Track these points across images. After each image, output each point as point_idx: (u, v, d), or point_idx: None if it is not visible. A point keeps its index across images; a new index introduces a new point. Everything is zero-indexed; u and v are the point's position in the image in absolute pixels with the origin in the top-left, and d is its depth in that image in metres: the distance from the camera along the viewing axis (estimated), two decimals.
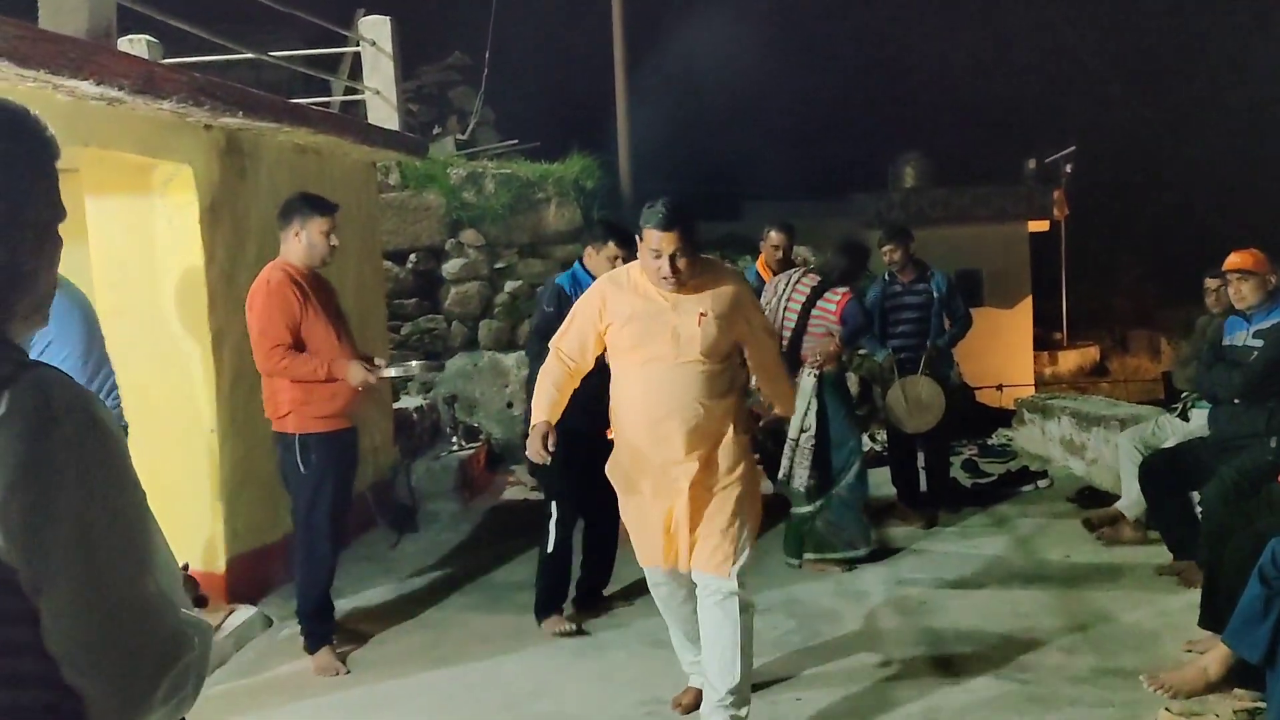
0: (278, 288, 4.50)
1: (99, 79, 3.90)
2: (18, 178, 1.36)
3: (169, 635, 1.32)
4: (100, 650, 1.27)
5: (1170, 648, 4.38)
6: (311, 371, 4.46)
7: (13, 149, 1.36)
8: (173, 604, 1.35)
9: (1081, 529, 6.21)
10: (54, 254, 1.42)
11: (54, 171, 1.42)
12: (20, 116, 1.39)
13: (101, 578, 1.26)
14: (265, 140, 5.72)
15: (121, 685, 1.28)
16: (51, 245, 1.42)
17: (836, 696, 4.09)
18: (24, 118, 1.40)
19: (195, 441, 5.20)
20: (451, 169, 10.32)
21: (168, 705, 1.32)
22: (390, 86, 7.52)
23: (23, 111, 1.40)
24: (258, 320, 4.51)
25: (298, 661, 4.71)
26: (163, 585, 1.34)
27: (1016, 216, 21.63)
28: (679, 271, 3.52)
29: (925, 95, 29.37)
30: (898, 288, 6.87)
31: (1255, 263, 4.92)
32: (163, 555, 1.36)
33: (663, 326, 3.56)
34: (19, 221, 1.35)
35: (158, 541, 1.36)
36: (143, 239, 5.21)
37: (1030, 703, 3.94)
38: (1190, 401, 5.82)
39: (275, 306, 4.47)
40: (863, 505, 5.91)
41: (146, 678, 1.29)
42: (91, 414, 1.31)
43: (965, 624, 4.83)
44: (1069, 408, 8.36)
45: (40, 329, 1.43)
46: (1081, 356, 26.25)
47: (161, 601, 1.32)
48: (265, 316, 4.48)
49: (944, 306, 6.83)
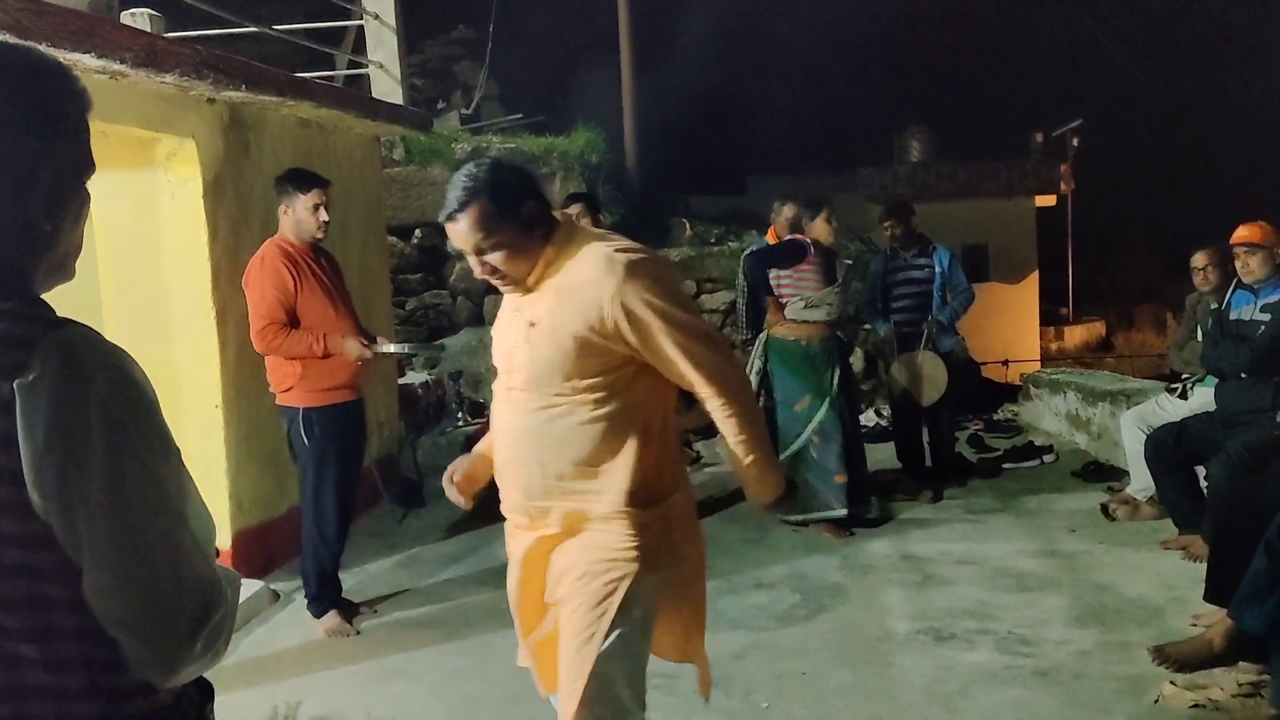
0: (270, 264, 4.52)
1: (101, 52, 3.89)
2: (29, 135, 1.31)
3: (205, 587, 1.33)
4: (139, 604, 1.28)
5: (1175, 621, 4.38)
6: (307, 348, 4.47)
7: (20, 104, 1.30)
8: (207, 556, 1.37)
9: (1087, 503, 6.21)
10: (78, 211, 1.39)
11: (77, 125, 1.36)
12: (32, 68, 1.34)
13: (137, 532, 1.27)
14: (269, 114, 5.69)
15: (161, 637, 1.29)
16: (76, 203, 1.39)
17: (842, 671, 4.10)
18: (37, 69, 1.34)
19: (200, 416, 5.20)
20: (456, 144, 10.29)
21: (206, 655, 1.34)
22: (394, 60, 7.48)
23: (37, 62, 1.34)
24: (251, 298, 4.54)
25: (305, 635, 4.73)
26: (198, 538, 1.35)
27: (1023, 191, 21.56)
28: (500, 273, 2.41)
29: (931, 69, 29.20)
30: (899, 262, 6.85)
31: (1263, 236, 4.90)
32: (197, 508, 1.37)
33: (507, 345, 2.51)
34: (33, 182, 1.31)
35: (192, 495, 1.37)
36: (146, 214, 5.20)
37: (1035, 676, 3.95)
38: (1191, 381, 5.80)
39: (268, 283, 4.49)
40: (834, 469, 5.85)
41: (185, 629, 1.30)
42: (122, 370, 1.31)
43: (970, 598, 4.84)
44: (1075, 383, 8.34)
45: (66, 282, 1.41)
46: (1087, 332, 26.22)
47: (197, 554, 1.33)
48: (258, 294, 4.51)
49: (946, 281, 6.81)
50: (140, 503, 1.28)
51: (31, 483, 1.24)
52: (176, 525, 1.31)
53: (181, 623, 1.30)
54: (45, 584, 1.27)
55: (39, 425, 1.23)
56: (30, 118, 1.31)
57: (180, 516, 1.33)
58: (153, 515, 1.29)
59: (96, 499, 1.25)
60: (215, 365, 5.19)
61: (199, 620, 1.31)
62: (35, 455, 1.23)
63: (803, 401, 5.89)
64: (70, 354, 1.26)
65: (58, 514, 1.25)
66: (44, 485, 1.24)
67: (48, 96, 1.33)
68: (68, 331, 1.29)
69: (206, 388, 5.20)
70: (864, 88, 27.14)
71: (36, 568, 1.27)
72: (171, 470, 1.34)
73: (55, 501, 1.24)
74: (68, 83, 1.36)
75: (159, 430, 1.33)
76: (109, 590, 1.27)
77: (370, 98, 7.10)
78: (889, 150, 22.56)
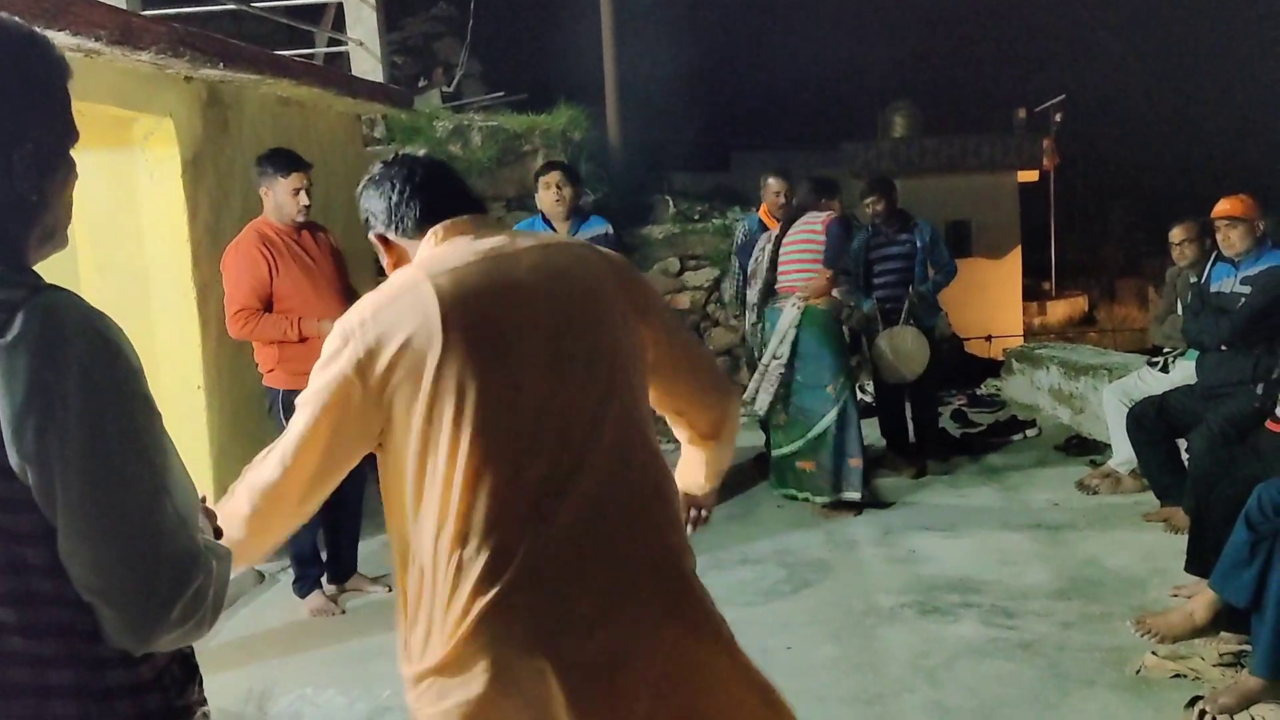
0: (245, 249, 4.51)
1: (75, 30, 3.84)
2: (10, 106, 1.31)
3: (184, 556, 1.32)
4: (114, 569, 1.27)
5: (1157, 593, 4.42)
6: (281, 333, 4.47)
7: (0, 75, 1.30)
8: (188, 526, 1.35)
9: (1069, 476, 6.25)
10: (65, 179, 1.40)
11: (58, 94, 1.37)
12: (8, 37, 1.33)
13: (114, 497, 1.27)
14: (248, 92, 5.64)
15: (136, 604, 1.28)
16: (62, 171, 1.39)
17: (827, 645, 4.12)
18: (13, 38, 1.33)
19: (181, 398, 5.17)
20: (437, 122, 10.20)
21: (184, 626, 1.32)
22: (374, 38, 7.43)
23: (13, 31, 1.34)
24: (226, 283, 4.55)
25: (291, 615, 4.73)
26: (179, 507, 1.33)
27: (1006, 166, 21.62)
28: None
29: (915, 44, 29.16)
30: (881, 238, 6.85)
31: (1244, 209, 4.91)
32: (178, 477, 1.36)
33: None
34: (16, 152, 1.31)
35: (173, 463, 1.36)
36: (125, 193, 5.15)
37: (1018, 648, 3.98)
38: (1172, 355, 5.83)
39: (242, 268, 4.48)
40: (852, 452, 5.82)
41: (161, 597, 1.29)
42: (103, 334, 1.30)
43: (954, 571, 4.87)
44: (1057, 357, 8.37)
45: (60, 251, 1.41)
46: (1070, 306, 26.34)
47: (176, 522, 1.32)
48: (232, 279, 4.52)
49: (928, 256, 6.82)
50: (118, 467, 1.27)
51: (9, 443, 1.23)
52: (156, 492, 1.30)
53: (157, 590, 1.28)
54: (23, 547, 1.27)
55: (18, 385, 1.22)
56: (9, 88, 1.31)
57: (161, 483, 1.31)
58: (131, 480, 1.28)
59: (73, 461, 1.24)
60: (196, 346, 5.16)
61: (175, 589, 1.29)
62: (14, 415, 1.23)
63: (835, 382, 5.85)
64: (51, 316, 1.26)
65: (35, 475, 1.24)
66: (22, 446, 1.23)
67: (26, 66, 1.33)
68: (51, 295, 1.29)
69: (188, 369, 5.17)
70: (848, 63, 27.08)
71: (14, 530, 1.26)
72: (153, 437, 1.33)
73: (33, 462, 1.24)
74: (45, 51, 1.35)
75: (141, 395, 1.32)
76: (83, 554, 1.26)
77: (350, 75, 7.05)
78: (872, 126, 22.57)
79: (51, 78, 1.36)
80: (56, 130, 1.37)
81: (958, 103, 24.42)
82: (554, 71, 14.57)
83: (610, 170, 11.12)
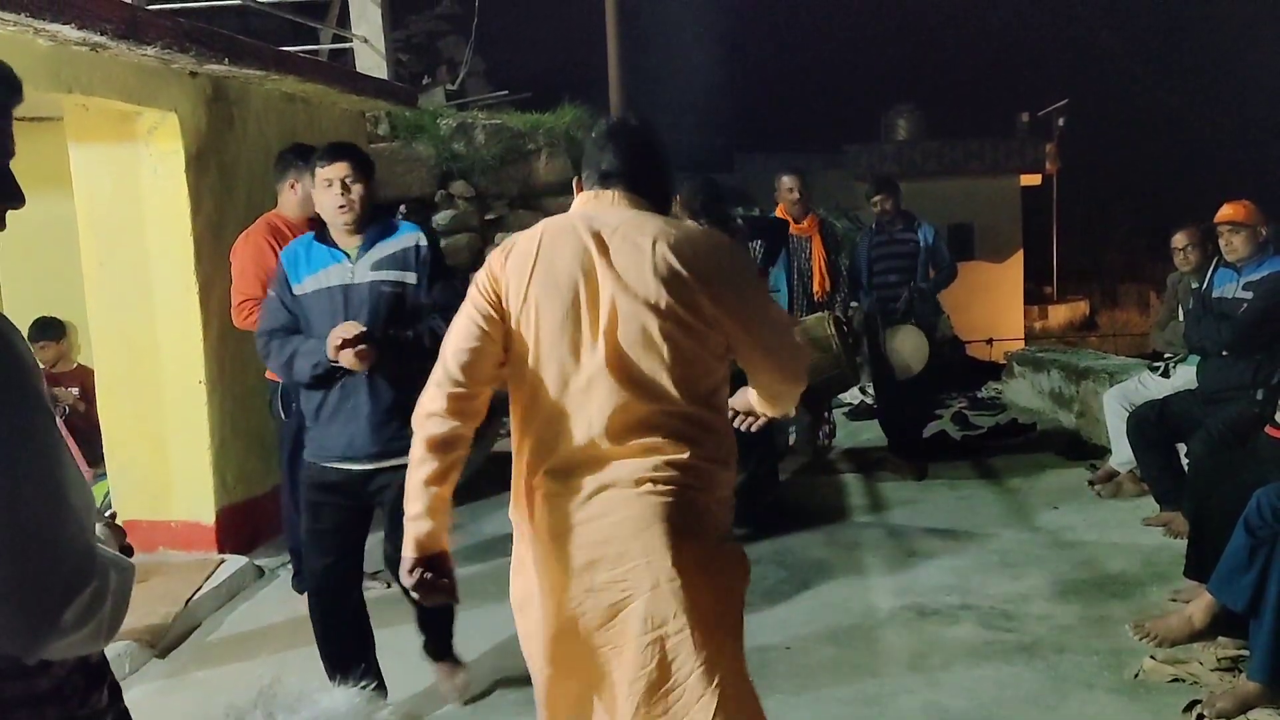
0: (254, 239, 4.51)
1: (81, 23, 3.84)
2: None
3: (77, 558, 1.29)
4: (5, 567, 1.24)
5: (1156, 597, 4.42)
6: None
7: None
8: (84, 529, 1.33)
9: (1069, 480, 6.25)
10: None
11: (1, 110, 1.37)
12: None
13: (6, 498, 1.24)
14: (253, 88, 5.65)
15: (26, 604, 1.26)
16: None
17: (826, 646, 4.12)
18: None
19: (183, 393, 5.18)
20: (441, 120, 10.22)
21: (79, 631, 1.30)
22: (379, 35, 7.44)
23: None
24: (234, 273, 4.54)
25: (290, 610, 4.72)
26: (74, 509, 1.31)
27: (1009, 170, 21.61)
28: None
29: (919, 48, 29.15)
30: (884, 237, 6.86)
31: (1247, 214, 4.91)
32: (73, 480, 1.33)
33: None
34: None
35: (68, 466, 1.33)
36: (128, 188, 5.15)
37: (1017, 651, 3.98)
38: (1173, 359, 5.83)
39: (248, 258, 4.48)
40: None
41: (53, 599, 1.26)
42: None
43: (952, 573, 4.87)
44: (1058, 361, 8.37)
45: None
46: (1071, 311, 26.32)
47: (72, 525, 1.30)
48: (239, 269, 4.52)
49: (930, 256, 6.83)
50: (9, 467, 1.24)
51: None
52: (50, 490, 1.28)
53: (49, 592, 1.26)
54: None
55: None
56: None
57: (54, 485, 1.29)
58: (22, 480, 1.25)
59: None
60: (198, 341, 5.17)
61: (70, 589, 1.27)
62: None
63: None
64: None
65: None
66: None
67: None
68: None
69: (190, 363, 5.18)
70: (851, 66, 27.07)
71: None
72: (46, 438, 1.30)
73: None
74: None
75: (34, 394, 1.30)
76: None
77: (355, 72, 7.05)
78: (876, 128, 22.56)
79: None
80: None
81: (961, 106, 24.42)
82: (558, 70, 14.58)
83: None
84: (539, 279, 2.21)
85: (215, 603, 4.71)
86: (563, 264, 2.20)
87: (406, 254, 3.48)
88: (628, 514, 2.15)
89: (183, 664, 4.08)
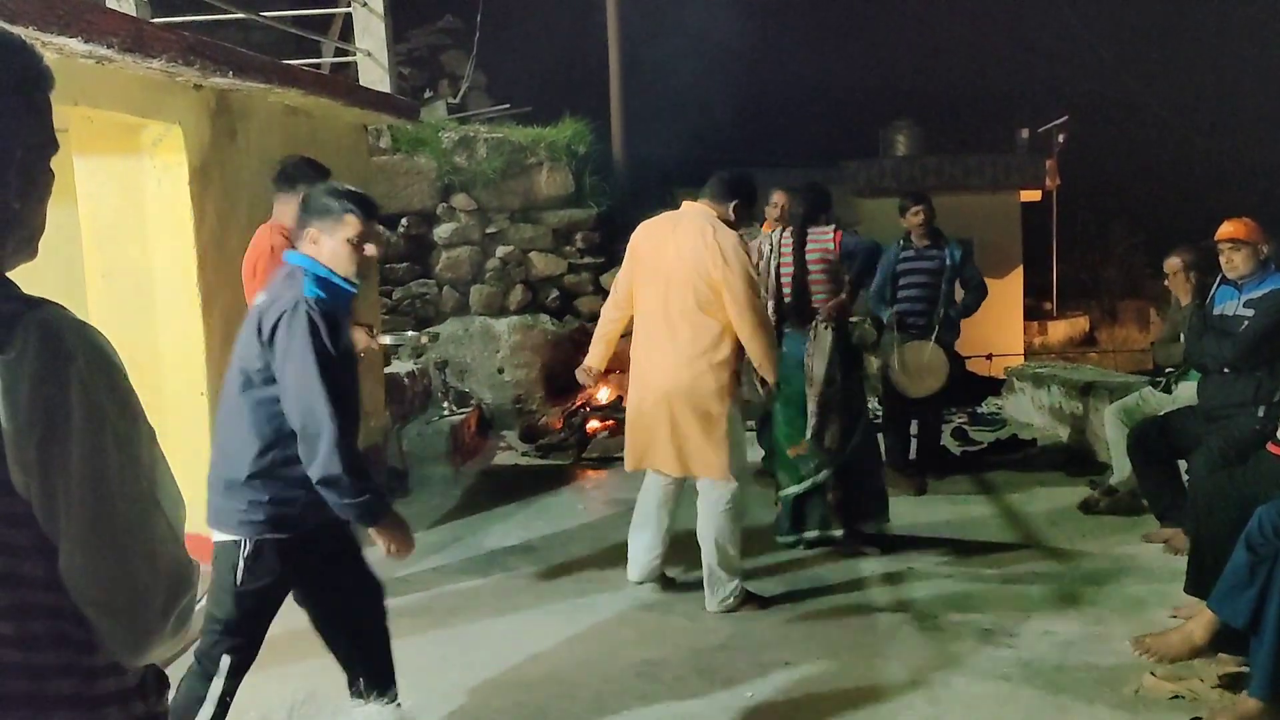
0: (259, 246, 4.52)
1: (87, 36, 3.85)
2: (6, 116, 1.32)
3: (178, 568, 1.35)
4: (113, 582, 1.29)
5: (1156, 613, 4.42)
6: None
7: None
8: (179, 539, 1.38)
9: (1070, 496, 6.25)
10: (45, 189, 1.39)
11: (44, 103, 1.37)
12: (4, 46, 1.34)
13: (114, 512, 1.28)
14: (256, 101, 5.67)
15: (134, 616, 1.31)
16: (42, 180, 1.39)
17: (825, 660, 4.12)
18: (8, 47, 1.34)
19: (185, 404, 5.17)
20: (443, 133, 10.25)
21: (176, 636, 1.36)
22: (381, 48, 7.46)
23: (3, 40, 1.35)
24: (251, 284, 4.52)
25: (292, 621, 4.71)
26: (170, 519, 1.36)
27: (1008, 186, 21.62)
28: None
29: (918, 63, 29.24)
30: (911, 253, 6.87)
31: (1248, 232, 4.93)
32: (170, 490, 1.38)
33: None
34: (6, 160, 1.32)
35: (166, 476, 1.38)
36: (132, 200, 5.16)
37: (1017, 667, 3.98)
38: (1174, 376, 5.84)
39: (258, 264, 4.49)
40: (879, 473, 5.65)
41: (158, 608, 1.32)
42: (101, 350, 1.31)
43: (953, 589, 4.87)
44: (1058, 376, 8.39)
45: (30, 261, 1.41)
46: (1071, 327, 26.32)
47: (170, 536, 1.35)
48: (245, 275, 4.52)
49: (957, 274, 6.84)
50: (117, 482, 1.28)
51: (12, 459, 1.25)
52: (151, 506, 1.33)
53: (154, 602, 1.31)
54: (22, 561, 1.28)
55: (21, 402, 1.24)
56: (5, 98, 1.32)
57: (154, 498, 1.34)
58: (129, 495, 1.30)
59: (75, 476, 1.26)
60: (200, 352, 5.17)
61: (171, 600, 1.33)
62: (17, 431, 1.24)
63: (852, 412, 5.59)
64: (50, 332, 1.27)
65: (37, 491, 1.26)
66: (25, 461, 1.25)
67: (17, 74, 1.34)
68: (46, 310, 1.30)
69: (191, 375, 5.18)
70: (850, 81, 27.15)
71: (14, 545, 1.28)
72: (147, 452, 1.34)
73: (35, 478, 1.25)
74: (34, 60, 1.36)
75: (136, 412, 1.34)
76: (85, 568, 1.28)
77: (358, 86, 7.07)
78: (875, 144, 22.58)
79: (41, 85, 1.36)
80: (42, 139, 1.37)
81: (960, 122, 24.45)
82: (559, 85, 14.61)
83: (614, 184, 11.15)
84: None
85: None
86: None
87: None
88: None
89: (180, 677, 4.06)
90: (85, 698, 1.33)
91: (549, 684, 4.01)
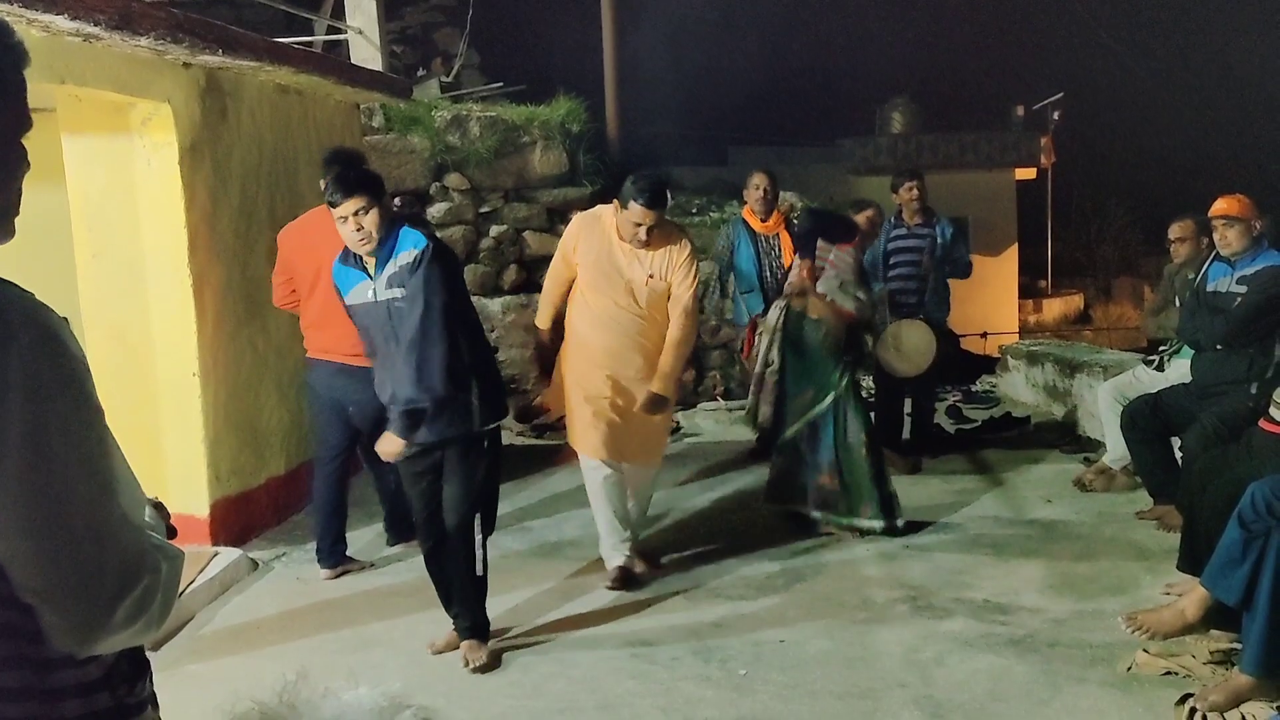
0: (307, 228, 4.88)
1: (74, 14, 3.82)
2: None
3: (129, 557, 1.30)
4: (54, 570, 1.24)
5: (1149, 590, 4.44)
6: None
7: None
8: (134, 526, 1.33)
9: (1063, 474, 6.26)
10: (15, 168, 1.36)
11: (16, 82, 1.34)
12: None
13: (57, 496, 1.24)
14: (246, 80, 5.63)
15: (78, 605, 1.26)
16: (13, 160, 1.35)
17: (819, 639, 4.13)
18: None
19: (176, 385, 5.16)
20: (436, 112, 10.19)
21: (130, 627, 1.31)
22: (373, 26, 7.42)
23: None
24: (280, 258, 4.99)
25: (284, 603, 4.73)
26: (124, 506, 1.31)
27: (1004, 164, 21.62)
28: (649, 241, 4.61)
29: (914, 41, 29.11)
30: (902, 230, 6.87)
31: (1241, 209, 4.92)
32: (123, 476, 1.34)
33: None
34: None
35: (118, 462, 1.34)
36: (122, 179, 5.14)
37: (1009, 644, 3.99)
38: (1168, 353, 5.84)
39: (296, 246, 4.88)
40: (827, 469, 5.39)
41: (105, 599, 1.27)
42: (48, 328, 1.27)
43: (946, 567, 4.88)
44: (1052, 354, 8.39)
45: (8, 241, 1.37)
46: (1065, 304, 26.36)
47: (122, 523, 1.30)
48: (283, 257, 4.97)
49: (947, 253, 6.84)
50: (61, 465, 1.24)
51: None
52: (100, 491, 1.28)
53: (101, 590, 1.26)
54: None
55: None
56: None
57: (105, 483, 1.29)
58: (74, 479, 1.25)
59: (14, 458, 1.21)
60: (192, 333, 5.15)
61: (123, 588, 1.27)
62: None
63: (805, 395, 5.43)
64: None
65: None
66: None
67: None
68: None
69: (183, 356, 5.16)
70: (846, 59, 27.06)
71: None
72: (97, 435, 1.30)
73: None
74: (6, 37, 1.32)
75: (85, 393, 1.29)
76: (24, 554, 1.23)
77: (350, 64, 7.03)
78: (871, 122, 22.53)
79: (11, 64, 1.32)
80: (14, 118, 1.33)
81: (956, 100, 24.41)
82: (553, 63, 14.55)
83: (608, 163, 11.10)
84: None
85: (209, 596, 4.70)
86: None
87: (403, 271, 3.80)
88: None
89: (176, 658, 4.07)
90: (38, 690, 1.28)
91: (543, 663, 4.02)
